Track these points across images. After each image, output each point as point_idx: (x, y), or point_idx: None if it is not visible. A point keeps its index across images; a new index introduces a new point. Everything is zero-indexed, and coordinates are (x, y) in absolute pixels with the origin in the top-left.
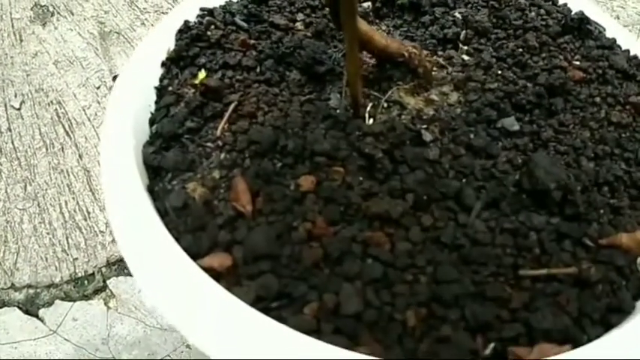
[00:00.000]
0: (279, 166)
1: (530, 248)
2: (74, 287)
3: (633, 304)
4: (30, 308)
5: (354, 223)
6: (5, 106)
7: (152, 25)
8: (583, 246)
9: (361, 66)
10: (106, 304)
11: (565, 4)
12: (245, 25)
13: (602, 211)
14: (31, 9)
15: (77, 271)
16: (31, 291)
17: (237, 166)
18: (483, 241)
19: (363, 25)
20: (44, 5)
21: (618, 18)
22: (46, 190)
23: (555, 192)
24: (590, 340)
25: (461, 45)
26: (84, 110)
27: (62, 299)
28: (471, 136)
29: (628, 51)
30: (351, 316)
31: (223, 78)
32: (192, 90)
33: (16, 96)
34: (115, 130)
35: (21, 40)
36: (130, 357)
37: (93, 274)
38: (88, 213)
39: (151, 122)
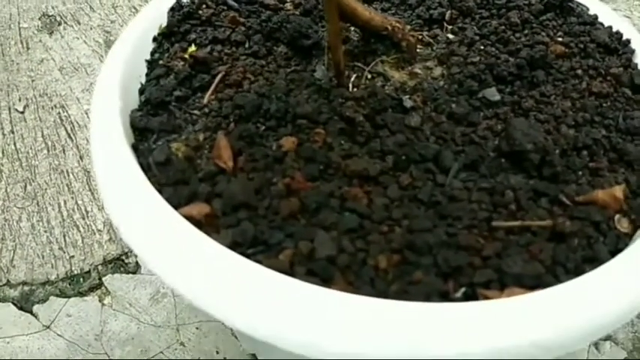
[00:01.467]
0: (262, 129)
1: (506, 205)
2: (69, 284)
3: (609, 257)
4: (24, 305)
5: (332, 180)
6: (9, 109)
7: None
8: (560, 203)
9: (342, 33)
10: (100, 300)
11: None
12: (236, 5)
13: (580, 172)
14: (39, 19)
15: (73, 268)
16: (26, 288)
17: (221, 128)
18: (459, 197)
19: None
20: (52, 15)
21: None
22: (46, 189)
23: (533, 154)
24: None
25: (446, 24)
26: (86, 114)
27: (57, 296)
28: (453, 105)
29: (610, 27)
30: (324, 259)
31: (212, 51)
32: (182, 62)
33: (20, 100)
34: (103, 95)
35: (27, 48)
36: (122, 353)
37: (89, 271)
38: (87, 212)
39: (141, 92)
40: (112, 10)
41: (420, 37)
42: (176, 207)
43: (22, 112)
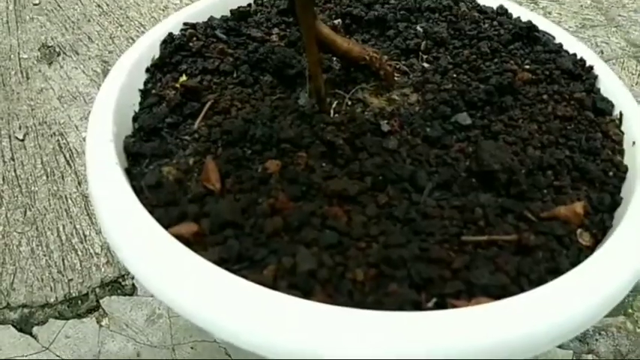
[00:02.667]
0: (249, 153)
1: (475, 221)
2: (68, 307)
3: (570, 269)
4: (24, 327)
5: (314, 200)
6: (10, 137)
7: None
8: (525, 219)
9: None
10: (98, 322)
11: (518, 17)
12: (224, 37)
13: (545, 190)
14: (39, 49)
15: (72, 291)
16: (26, 310)
17: (210, 153)
18: (433, 214)
19: (324, 28)
20: (51, 46)
21: (602, 53)
22: (45, 215)
23: (501, 174)
24: None
25: (421, 54)
26: (85, 141)
27: (56, 318)
28: (427, 129)
29: (574, 54)
30: (305, 273)
31: (202, 81)
32: (173, 91)
33: (20, 128)
34: (99, 121)
35: (27, 78)
36: None
37: (87, 294)
38: (85, 236)
39: (134, 119)
40: (110, 40)
41: (397, 66)
42: (167, 227)
43: (22, 140)
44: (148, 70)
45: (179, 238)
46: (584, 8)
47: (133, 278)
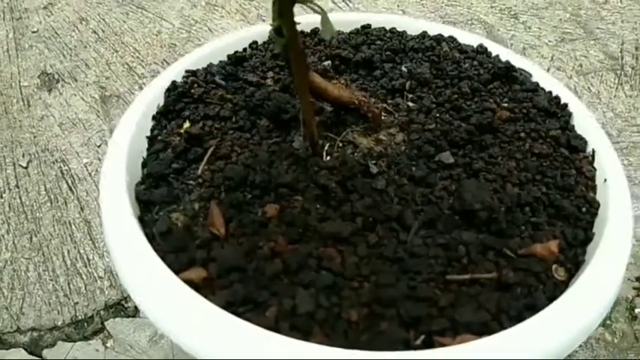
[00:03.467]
0: (249, 197)
1: (459, 259)
2: (75, 329)
3: (547, 303)
4: (34, 349)
5: (310, 242)
6: (14, 165)
7: None
8: (505, 256)
9: (314, 110)
10: (103, 343)
11: (497, 56)
12: (223, 82)
13: (523, 227)
14: (39, 77)
15: (78, 314)
16: (35, 334)
17: (214, 198)
18: (419, 253)
19: (316, 77)
20: (50, 73)
21: (581, 66)
22: (50, 240)
23: (481, 212)
24: None
25: (406, 93)
26: (86, 167)
27: (64, 340)
28: (413, 168)
29: (550, 92)
30: (304, 315)
31: (204, 127)
32: (178, 138)
33: (23, 156)
34: (111, 171)
35: (29, 106)
36: None
37: (92, 316)
38: (88, 260)
39: (143, 166)
40: (107, 67)
41: (384, 106)
42: (177, 272)
43: (26, 168)
44: (154, 118)
45: (189, 283)
46: (564, 22)
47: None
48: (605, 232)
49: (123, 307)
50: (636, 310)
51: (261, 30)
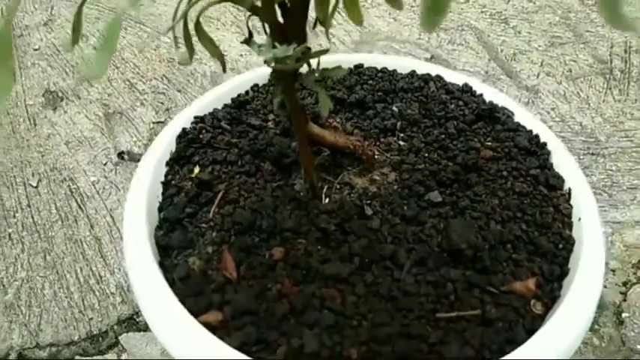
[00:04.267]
0: (257, 241)
1: (447, 295)
2: (90, 344)
3: (526, 337)
4: None
5: (313, 283)
6: (24, 184)
7: (150, 104)
8: (488, 292)
9: (314, 158)
10: (118, 357)
11: (481, 95)
12: (228, 127)
13: (505, 264)
14: (43, 95)
15: (92, 329)
16: (53, 349)
17: (225, 242)
18: (411, 291)
19: (314, 128)
20: (54, 91)
21: (571, 71)
22: (63, 258)
23: (467, 251)
24: None
25: (398, 132)
26: (93, 185)
27: (81, 355)
28: (405, 207)
29: (530, 131)
30: (310, 354)
31: (213, 171)
32: (190, 182)
33: (33, 175)
34: (132, 219)
35: (35, 124)
36: None
37: (106, 331)
38: (100, 277)
39: (160, 210)
40: (108, 83)
41: (378, 144)
42: (196, 315)
43: (36, 187)
44: (167, 164)
45: (207, 325)
46: (553, 25)
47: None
48: (579, 267)
49: (135, 322)
50: (623, 315)
51: (262, 73)
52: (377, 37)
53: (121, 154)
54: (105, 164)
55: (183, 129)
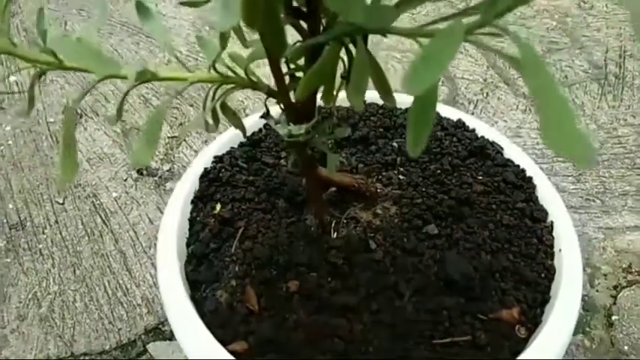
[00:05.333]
0: (275, 274)
1: (442, 322)
2: (121, 352)
3: (512, 358)
4: None
5: (325, 313)
6: (51, 201)
7: (164, 119)
8: (478, 319)
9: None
10: None
11: (474, 130)
12: (245, 165)
13: (494, 292)
14: (62, 112)
15: (122, 339)
16: (87, 358)
17: (247, 275)
18: (411, 319)
19: (323, 171)
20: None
21: (567, 77)
22: (92, 272)
23: (460, 281)
24: None
25: (398, 167)
26: (116, 201)
27: None
28: (405, 240)
29: (518, 166)
30: None
31: (233, 208)
32: (213, 219)
33: (59, 192)
34: (165, 257)
35: (57, 142)
36: None
37: (135, 340)
38: (127, 289)
39: (187, 245)
40: (125, 100)
41: (379, 178)
42: (225, 344)
43: (62, 204)
44: (192, 202)
45: (234, 353)
46: (550, 30)
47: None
48: (558, 296)
49: (160, 331)
50: (613, 318)
51: (273, 113)
52: (379, 46)
53: (140, 170)
54: (125, 180)
55: (205, 169)
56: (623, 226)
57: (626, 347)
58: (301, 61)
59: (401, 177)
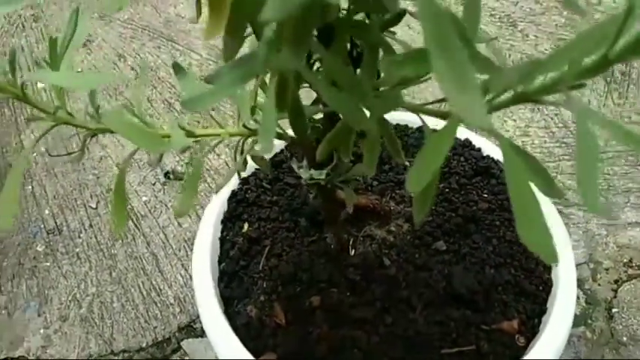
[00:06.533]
0: (299, 290)
1: (450, 333)
2: (157, 349)
3: None
4: None
5: (345, 326)
6: (85, 206)
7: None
8: (482, 330)
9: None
10: None
11: (479, 149)
12: (269, 186)
13: (496, 304)
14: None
15: (157, 336)
16: (126, 355)
17: (274, 291)
18: (422, 331)
19: (340, 194)
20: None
21: None
22: (127, 274)
23: (466, 295)
24: None
25: None
26: (146, 205)
27: (150, 359)
28: (416, 256)
29: None
30: None
31: (259, 227)
32: (241, 238)
33: (91, 197)
34: (201, 276)
35: (88, 148)
36: None
37: (169, 338)
38: (160, 290)
39: (219, 262)
40: (149, 104)
41: (393, 196)
42: (257, 355)
43: (95, 208)
44: (222, 222)
45: None
46: (559, 27)
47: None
48: (554, 307)
49: (193, 329)
50: (613, 310)
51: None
52: None
53: (167, 174)
54: (154, 184)
55: (232, 191)
56: (625, 222)
57: (624, 338)
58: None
59: (413, 195)
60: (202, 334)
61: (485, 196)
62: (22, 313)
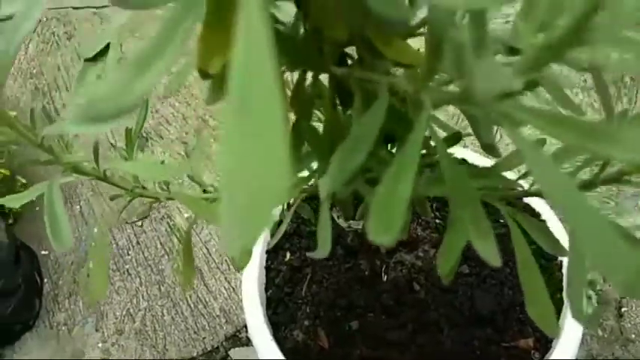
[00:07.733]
0: (339, 315)
1: (474, 351)
2: (207, 358)
3: None
4: None
5: (380, 347)
6: (131, 224)
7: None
8: (502, 347)
9: (373, 246)
10: None
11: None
12: (306, 217)
13: (514, 323)
14: None
15: (207, 346)
16: None
17: (317, 316)
18: (449, 350)
19: None
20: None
21: (586, 81)
22: (174, 288)
23: (487, 315)
24: None
25: (434, 211)
26: (188, 221)
27: None
28: (442, 280)
29: (528, 204)
30: None
31: (300, 256)
32: (285, 267)
33: (137, 215)
34: (251, 304)
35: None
36: None
37: (217, 347)
38: (206, 302)
39: (266, 290)
40: (184, 121)
41: (419, 222)
42: None
43: (141, 226)
44: (267, 252)
45: None
46: None
47: (246, 331)
48: (565, 325)
49: (238, 338)
50: (622, 309)
51: None
52: None
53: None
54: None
55: (275, 222)
56: (634, 226)
57: (632, 335)
58: None
59: (437, 221)
60: (248, 342)
61: (502, 221)
62: (81, 329)
